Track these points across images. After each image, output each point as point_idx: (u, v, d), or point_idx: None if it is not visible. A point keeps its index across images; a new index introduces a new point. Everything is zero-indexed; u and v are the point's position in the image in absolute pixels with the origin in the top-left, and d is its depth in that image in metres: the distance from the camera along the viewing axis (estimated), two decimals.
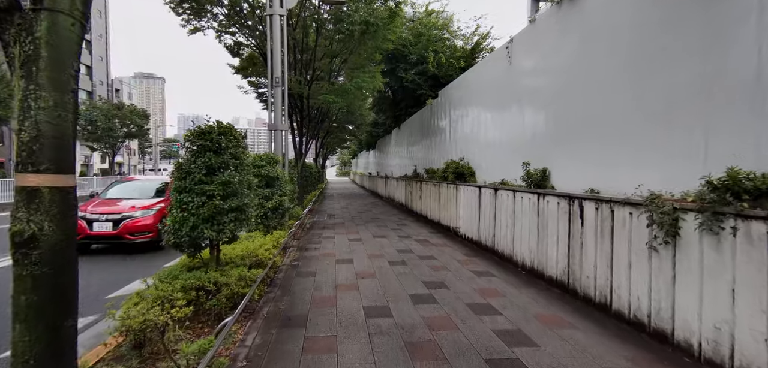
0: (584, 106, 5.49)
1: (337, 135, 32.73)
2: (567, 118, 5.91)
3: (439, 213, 11.20)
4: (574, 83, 5.75)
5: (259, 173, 7.23)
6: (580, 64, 5.66)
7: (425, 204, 12.91)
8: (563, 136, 5.99)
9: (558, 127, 6.15)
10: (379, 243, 8.63)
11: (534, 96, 6.91)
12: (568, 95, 5.88)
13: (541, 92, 6.67)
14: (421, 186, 13.59)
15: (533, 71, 7.06)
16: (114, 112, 46.64)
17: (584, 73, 5.54)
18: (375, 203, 19.82)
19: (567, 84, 5.94)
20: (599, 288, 4.48)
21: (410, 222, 12.28)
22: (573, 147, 5.74)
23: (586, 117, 5.44)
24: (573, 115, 5.75)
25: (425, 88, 16.45)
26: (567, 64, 5.97)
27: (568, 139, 5.86)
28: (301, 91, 12.68)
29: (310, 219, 12.86)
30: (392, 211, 15.74)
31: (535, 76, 6.95)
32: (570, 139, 5.82)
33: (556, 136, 6.19)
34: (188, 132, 4.42)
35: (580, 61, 5.64)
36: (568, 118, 5.89)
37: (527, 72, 7.26)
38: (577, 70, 5.70)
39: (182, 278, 4.13)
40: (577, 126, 5.64)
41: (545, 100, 6.54)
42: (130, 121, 48.46)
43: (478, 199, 8.23)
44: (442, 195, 10.90)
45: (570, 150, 5.80)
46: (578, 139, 5.62)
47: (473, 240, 8.47)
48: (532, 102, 6.97)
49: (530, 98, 7.04)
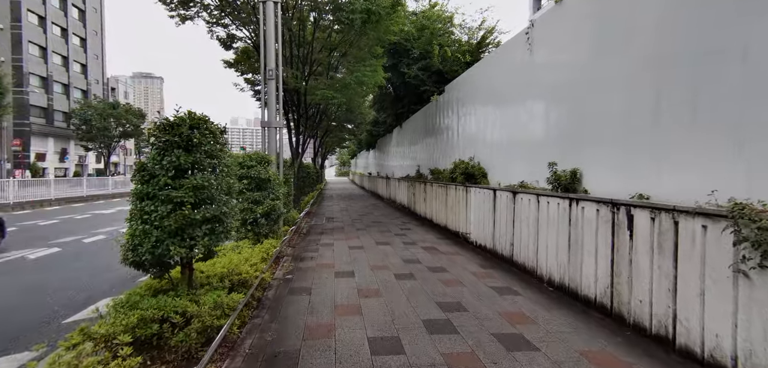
0: (628, 98, 4.67)
1: (336, 134, 31.90)
2: (605, 113, 5.09)
3: (446, 218, 10.38)
4: (616, 71, 4.93)
5: (247, 174, 6.41)
6: (620, 49, 4.84)
7: (430, 207, 12.10)
8: (599, 133, 5.18)
9: (593, 124, 5.33)
10: (382, 252, 7.81)
11: (560, 88, 6.10)
12: (607, 85, 5.06)
13: (570, 84, 5.85)
14: (426, 187, 12.77)
15: (559, 59, 6.24)
16: (109, 111, 45.73)
17: (628, 60, 4.72)
18: (376, 205, 19.00)
19: (605, 73, 5.12)
20: (657, 317, 3.66)
21: (414, 227, 11.46)
22: (612, 147, 4.92)
23: (631, 111, 4.62)
24: (613, 108, 4.93)
25: (429, 84, 15.65)
26: (604, 48, 5.16)
27: (606, 137, 5.04)
28: (297, 86, 11.85)
29: (307, 223, 12.04)
30: (394, 214, 14.92)
31: (562, 66, 6.13)
32: (608, 137, 5.00)
33: (590, 134, 5.38)
34: (153, 125, 3.59)
35: (622, 44, 4.82)
36: (606, 113, 5.07)
37: (551, 61, 6.45)
38: (617, 57, 4.89)
39: (143, 307, 3.31)
40: (618, 121, 4.82)
41: (575, 93, 5.72)
42: (126, 120, 47.55)
43: (492, 203, 7.41)
44: (450, 197, 10.09)
45: (608, 150, 4.99)
46: (619, 136, 4.80)
47: (486, 248, 7.66)
48: (558, 95, 6.15)
49: (556, 91, 6.23)
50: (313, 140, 26.19)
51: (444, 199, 10.65)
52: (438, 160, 12.64)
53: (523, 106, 7.26)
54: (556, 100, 6.19)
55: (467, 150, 9.99)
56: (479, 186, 8.27)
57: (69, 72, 49.17)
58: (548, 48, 6.53)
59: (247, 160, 6.54)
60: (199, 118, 3.70)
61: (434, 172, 12.43)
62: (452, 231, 9.87)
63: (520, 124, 7.37)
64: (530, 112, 6.99)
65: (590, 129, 5.34)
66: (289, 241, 8.65)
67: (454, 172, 10.01)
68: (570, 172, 5.50)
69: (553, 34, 6.43)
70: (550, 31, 6.50)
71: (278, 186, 6.91)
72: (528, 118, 7.05)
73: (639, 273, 3.89)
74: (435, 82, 15.82)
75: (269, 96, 9.10)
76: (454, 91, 11.31)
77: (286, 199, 9.74)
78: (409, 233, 10.26)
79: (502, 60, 8.50)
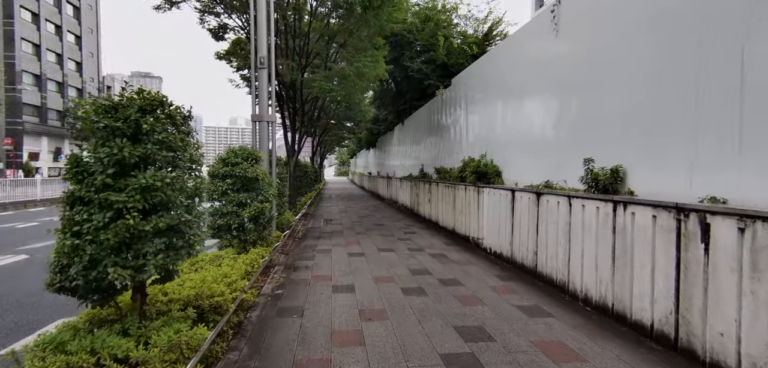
0: (701, 73, 3.83)
1: (335, 133, 31.07)
2: (661, 99, 4.24)
3: (454, 221, 9.54)
4: (684, 40, 4.08)
5: (231, 173, 5.56)
6: (691, 8, 3.99)
7: (436, 209, 11.25)
8: (652, 122, 4.32)
9: (643, 112, 4.48)
10: (386, 260, 6.96)
11: (596, 72, 5.25)
12: (669, 60, 4.21)
13: (608, 66, 5.01)
14: (431, 188, 11.92)
15: (597, 37, 5.39)
16: None
17: (704, 21, 3.88)
18: (377, 206, 18.15)
19: (666, 46, 4.27)
20: (751, 359, 2.81)
21: (419, 230, 10.61)
22: (667, 138, 4.08)
23: (702, 89, 3.77)
24: (673, 90, 4.08)
25: (433, 78, 14.82)
26: (668, 11, 4.31)
27: (660, 127, 4.19)
28: (293, 78, 10.99)
29: (303, 227, 11.18)
30: (396, 216, 14.07)
31: (600, 44, 5.28)
32: (662, 127, 4.16)
33: (638, 124, 4.53)
34: (90, 104, 2.74)
35: (685, 13, 3.98)
36: (663, 99, 4.22)
37: (585, 40, 5.60)
38: (687, 20, 4.04)
39: (72, 348, 2.46)
40: (678, 108, 3.97)
41: (616, 77, 4.88)
42: None
43: (510, 205, 6.57)
44: (458, 199, 9.24)
45: (661, 143, 4.14)
46: (678, 126, 3.96)
47: (503, 256, 6.81)
48: (593, 81, 5.30)
49: (589, 76, 5.38)
50: (312, 138, 25.35)
51: (451, 201, 9.80)
52: (444, 159, 11.79)
53: (545, 96, 6.41)
54: (591, 86, 5.34)
55: (478, 147, 9.14)
56: (493, 186, 7.42)
57: (63, 70, 48.25)
58: (581, 25, 5.68)
59: (232, 155, 5.68)
60: (153, 98, 2.84)
61: (440, 171, 11.58)
62: (461, 236, 9.02)
63: (540, 117, 6.52)
64: (554, 103, 6.15)
65: (639, 118, 4.49)
66: (282, 247, 7.80)
67: (464, 170, 9.16)
68: (610, 170, 4.65)
69: (584, 11, 5.58)
70: (582, 8, 5.65)
71: (268, 186, 6.06)
72: (551, 110, 6.21)
73: (719, 298, 3.04)
74: (439, 76, 14.99)
75: (261, 87, 8.24)
76: (462, 85, 10.46)
77: (279, 201, 8.88)
78: (414, 237, 9.41)
79: (518, 46, 7.64)
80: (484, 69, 9.22)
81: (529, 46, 7.07)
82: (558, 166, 5.88)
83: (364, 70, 10.01)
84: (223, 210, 5.52)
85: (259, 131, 8.32)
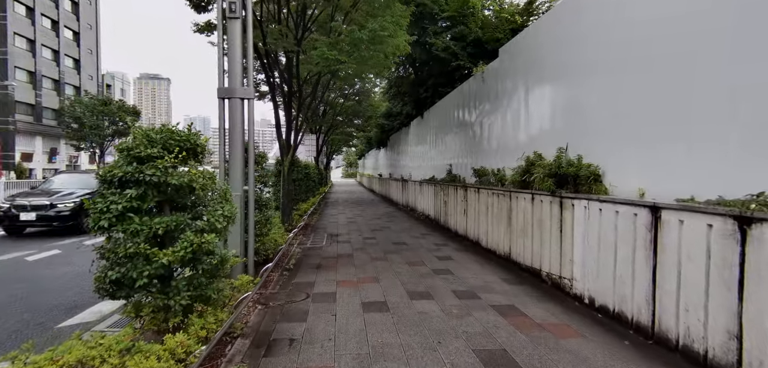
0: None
1: (343, 130, 28.36)
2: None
3: (510, 243, 6.72)
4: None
5: (136, 176, 2.79)
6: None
7: (476, 224, 8.43)
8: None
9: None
10: (426, 322, 4.16)
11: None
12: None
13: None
14: (467, 194, 9.10)
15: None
16: (100, 108, 42.62)
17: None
18: (391, 214, 15.35)
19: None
20: None
21: (456, 253, 7.80)
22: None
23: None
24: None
25: (464, 57, 11.99)
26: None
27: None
28: (287, 49, 8.26)
29: (299, 247, 8.43)
30: (417, 228, 11.27)
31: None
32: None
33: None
34: None
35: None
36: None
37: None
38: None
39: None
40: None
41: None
42: (119, 117, 44.39)
43: (648, 235, 3.73)
44: (519, 213, 6.42)
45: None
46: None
47: (627, 318, 3.97)
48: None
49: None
50: (316, 136, 22.67)
51: (504, 215, 6.98)
52: (486, 157, 8.96)
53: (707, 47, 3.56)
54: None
55: (548, 140, 6.31)
56: (599, 198, 4.58)
57: (60, 67, 46.28)
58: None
59: (142, 143, 2.89)
60: None
61: (480, 172, 8.76)
62: (524, 268, 6.21)
63: (703, 85, 3.67)
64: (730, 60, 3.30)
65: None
66: (259, 296, 5.04)
67: (528, 172, 6.34)
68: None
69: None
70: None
71: (218, 202, 3.28)
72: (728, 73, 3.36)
73: None
74: (472, 55, 12.16)
75: (231, 47, 5.51)
76: (521, 54, 7.61)
77: (261, 218, 6.12)
78: (454, 267, 6.60)
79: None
80: (559, 27, 6.39)
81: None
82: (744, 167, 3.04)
83: (381, 34, 7.22)
84: (119, 251, 2.78)
85: (229, 112, 5.59)
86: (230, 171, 5.55)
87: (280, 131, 9.15)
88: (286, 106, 9.17)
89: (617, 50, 4.86)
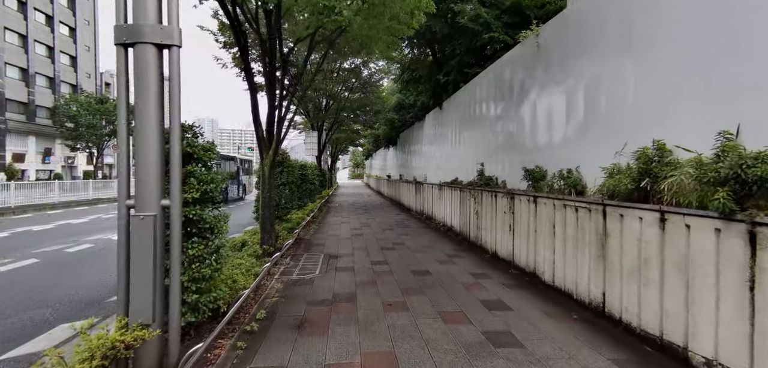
0: None
1: (348, 127, 25.91)
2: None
3: (604, 287, 4.16)
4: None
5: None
6: None
7: (530, 248, 5.89)
8: None
9: None
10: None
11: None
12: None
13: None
14: (514, 205, 6.56)
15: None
16: (96, 107, 40.65)
17: None
18: (403, 223, 12.84)
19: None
20: None
21: (508, 293, 5.27)
22: None
23: None
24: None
25: (498, 28, 9.47)
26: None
27: None
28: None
29: (282, 278, 5.96)
30: (440, 245, 8.74)
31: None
32: None
33: None
34: None
35: None
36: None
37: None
38: None
39: None
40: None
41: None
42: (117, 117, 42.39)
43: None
44: (630, 242, 3.87)
45: None
46: None
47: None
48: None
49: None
50: (318, 132, 20.23)
51: (593, 240, 4.44)
52: (542, 153, 6.42)
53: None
54: None
55: (692, 118, 3.77)
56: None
57: (55, 64, 44.46)
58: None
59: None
60: None
61: (536, 175, 6.23)
62: (644, 335, 3.66)
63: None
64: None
65: None
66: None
67: (649, 175, 3.80)
68: None
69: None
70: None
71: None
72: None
73: None
74: (507, 24, 9.63)
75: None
76: None
77: (196, 272, 3.63)
78: (520, 328, 4.07)
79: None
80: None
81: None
82: None
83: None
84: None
85: (136, 70, 3.13)
86: (137, 172, 3.10)
87: (258, 119, 6.69)
88: (267, 82, 6.71)
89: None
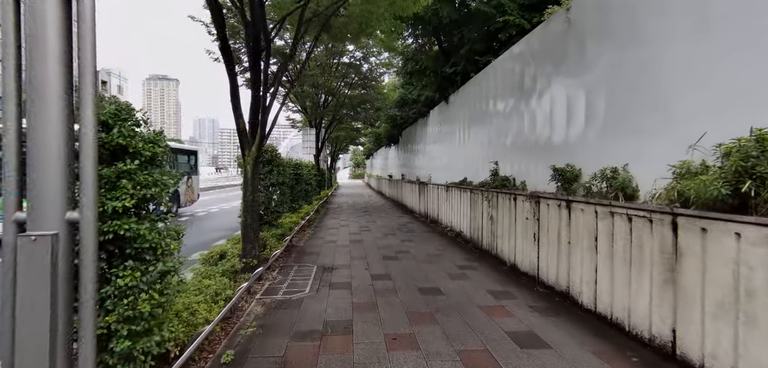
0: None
1: (347, 125, 24.94)
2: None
3: (674, 320, 3.14)
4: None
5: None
6: None
7: (561, 262, 4.87)
8: None
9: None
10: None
11: None
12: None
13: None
14: (539, 210, 5.54)
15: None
16: None
17: None
18: (407, 227, 11.83)
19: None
20: None
21: (540, 321, 4.27)
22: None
23: None
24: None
25: (513, 11, 8.47)
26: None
27: None
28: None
29: (265, 298, 4.98)
30: (449, 254, 7.75)
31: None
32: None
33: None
34: None
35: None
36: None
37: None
38: None
39: None
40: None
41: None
42: None
43: None
44: (723, 268, 2.86)
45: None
46: None
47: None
48: None
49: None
50: (316, 130, 19.26)
51: (655, 259, 3.42)
52: (573, 150, 5.42)
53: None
54: None
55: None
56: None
57: None
58: None
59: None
60: None
61: (567, 175, 5.23)
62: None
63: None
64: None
65: None
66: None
67: (746, 174, 2.79)
68: None
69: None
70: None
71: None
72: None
73: None
74: (524, 7, 8.64)
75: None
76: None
77: (134, 296, 2.64)
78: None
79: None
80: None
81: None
82: None
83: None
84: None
85: (28, 12, 2.15)
86: (29, 172, 2.13)
87: (238, 108, 5.68)
88: (251, 63, 5.70)
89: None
